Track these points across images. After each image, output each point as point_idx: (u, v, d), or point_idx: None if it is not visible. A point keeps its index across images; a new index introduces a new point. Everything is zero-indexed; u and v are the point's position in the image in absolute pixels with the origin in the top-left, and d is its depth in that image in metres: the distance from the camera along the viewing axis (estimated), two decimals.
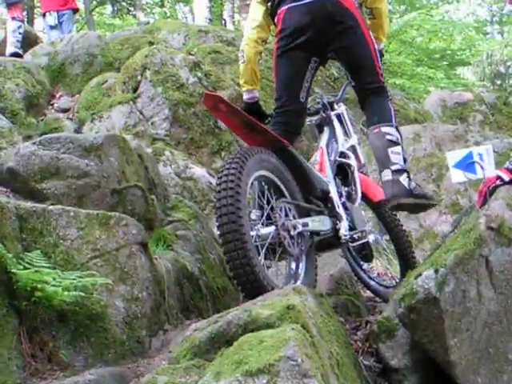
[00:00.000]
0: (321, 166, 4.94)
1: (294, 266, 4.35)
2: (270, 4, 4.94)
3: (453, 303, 3.57)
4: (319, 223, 4.54)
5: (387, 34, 5.29)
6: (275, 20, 4.90)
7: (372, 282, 5.61)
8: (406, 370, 3.83)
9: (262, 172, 4.20)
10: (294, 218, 4.28)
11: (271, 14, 4.97)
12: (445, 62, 25.17)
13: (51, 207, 4.19)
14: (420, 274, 3.65)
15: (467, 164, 4.45)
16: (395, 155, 4.61)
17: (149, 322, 4.18)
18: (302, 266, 4.37)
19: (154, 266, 4.41)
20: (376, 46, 4.86)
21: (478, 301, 3.66)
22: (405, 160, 4.69)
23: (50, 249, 4.01)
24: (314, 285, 4.43)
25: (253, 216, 4.10)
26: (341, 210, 4.74)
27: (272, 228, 4.11)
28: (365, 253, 5.36)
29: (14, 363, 3.48)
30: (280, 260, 4.30)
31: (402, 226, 5.65)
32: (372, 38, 4.83)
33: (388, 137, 4.66)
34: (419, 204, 4.71)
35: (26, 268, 3.66)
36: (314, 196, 4.65)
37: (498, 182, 4.25)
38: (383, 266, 6.12)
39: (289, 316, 3.12)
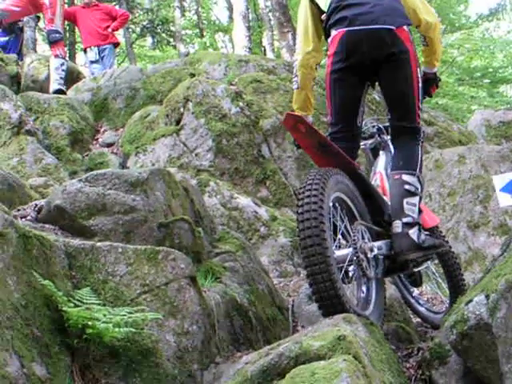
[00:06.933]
0: (383, 190, 4.93)
1: (364, 288, 4.35)
2: (323, 23, 4.93)
3: (505, 329, 3.51)
4: (390, 247, 4.54)
5: (440, 58, 5.28)
6: (328, 40, 4.89)
7: (421, 308, 5.57)
8: None
9: (338, 194, 4.22)
10: (369, 240, 4.30)
11: (324, 32, 4.97)
12: (487, 81, 25.05)
13: (99, 244, 4.21)
14: (471, 300, 3.61)
15: None
16: (410, 206, 4.58)
17: (200, 355, 4.17)
18: (372, 288, 4.38)
19: (204, 299, 4.40)
20: (421, 85, 4.82)
21: None
22: (420, 211, 4.67)
23: (100, 285, 4.03)
24: (384, 308, 4.42)
25: None
26: None
27: (349, 250, 4.12)
28: (414, 278, 5.33)
29: None
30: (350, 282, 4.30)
31: (451, 248, 5.60)
32: (419, 76, 4.79)
33: (406, 186, 4.63)
34: (428, 255, 4.74)
35: (76, 306, 3.68)
36: (381, 220, 4.66)
37: None
38: (433, 291, 6.07)
39: (340, 347, 3.10)
